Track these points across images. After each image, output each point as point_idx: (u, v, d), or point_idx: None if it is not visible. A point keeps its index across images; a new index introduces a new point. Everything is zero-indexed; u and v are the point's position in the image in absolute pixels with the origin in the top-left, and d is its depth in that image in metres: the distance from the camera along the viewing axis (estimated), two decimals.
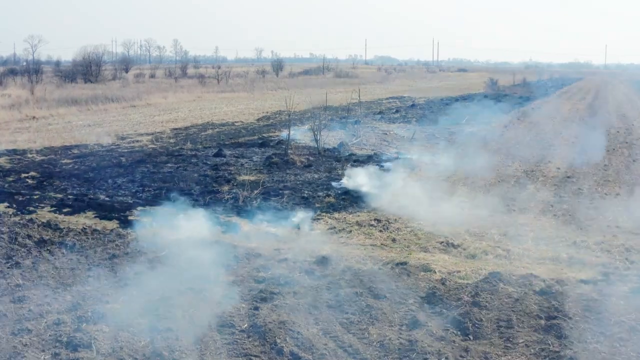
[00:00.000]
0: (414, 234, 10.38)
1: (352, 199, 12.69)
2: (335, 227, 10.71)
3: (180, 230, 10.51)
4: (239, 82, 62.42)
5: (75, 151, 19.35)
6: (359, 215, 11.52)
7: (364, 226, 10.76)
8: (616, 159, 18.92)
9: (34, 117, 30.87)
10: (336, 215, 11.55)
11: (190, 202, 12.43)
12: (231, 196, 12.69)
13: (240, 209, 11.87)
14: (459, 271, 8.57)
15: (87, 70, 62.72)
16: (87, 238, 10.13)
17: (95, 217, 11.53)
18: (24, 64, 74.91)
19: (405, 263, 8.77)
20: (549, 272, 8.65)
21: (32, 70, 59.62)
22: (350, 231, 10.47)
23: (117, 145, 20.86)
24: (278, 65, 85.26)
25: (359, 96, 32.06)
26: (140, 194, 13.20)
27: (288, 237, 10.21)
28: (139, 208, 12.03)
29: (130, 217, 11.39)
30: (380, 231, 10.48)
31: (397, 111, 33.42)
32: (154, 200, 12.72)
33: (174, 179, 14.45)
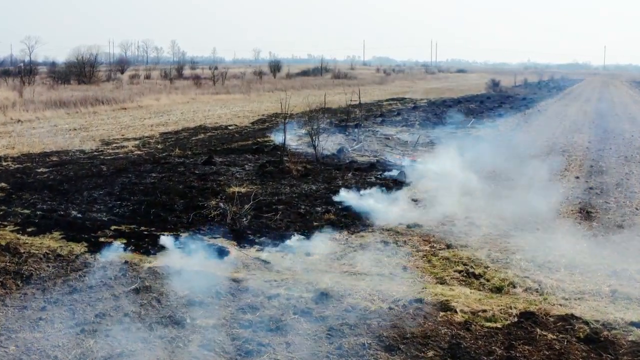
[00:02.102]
0: (427, 259, 8.98)
1: (354, 216, 11.29)
2: (336, 252, 9.30)
3: (156, 255, 9.11)
4: (236, 83, 60.96)
5: (54, 158, 17.92)
6: (362, 236, 10.11)
7: (370, 250, 9.35)
8: (636, 166, 17.56)
9: (19, 121, 29.42)
10: (337, 235, 10.13)
11: (172, 220, 11.03)
12: (218, 212, 11.28)
13: (227, 229, 10.45)
14: (484, 310, 7.17)
15: (80, 71, 61.29)
16: (48, 266, 8.71)
17: (62, 238, 10.09)
18: (21, 64, 73.44)
19: (420, 300, 7.37)
20: (591, 312, 7.25)
21: (23, 71, 58.19)
22: (354, 257, 9.05)
23: (101, 151, 19.43)
24: (275, 66, 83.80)
25: (359, 98, 30.67)
26: (117, 210, 11.77)
27: (281, 264, 8.80)
28: (113, 227, 10.59)
29: (101, 239, 9.96)
30: (388, 257, 9.07)
31: (398, 114, 32.06)
32: (132, 217, 11.29)
33: (157, 191, 13.03)
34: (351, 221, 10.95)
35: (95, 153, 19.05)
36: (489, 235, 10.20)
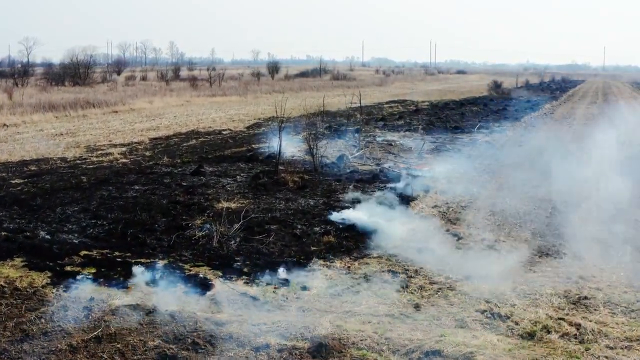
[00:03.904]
0: (443, 295, 7.71)
1: (357, 238, 10.03)
2: (337, 285, 8.03)
3: (128, 289, 7.85)
4: (233, 84, 59.70)
5: (33, 168, 16.64)
6: (367, 264, 8.85)
7: (376, 282, 8.09)
8: None
9: (4, 125, 28.12)
10: (338, 263, 8.87)
11: (151, 243, 9.76)
12: (204, 233, 10.03)
13: (212, 254, 9.19)
14: None
15: (75, 72, 59.98)
16: (1, 304, 7.45)
17: (25, 265, 8.82)
18: (18, 65, 72.09)
19: (438, 352, 6.11)
20: None
21: (17, 73, 56.87)
22: (358, 291, 7.80)
23: (84, 159, 18.16)
24: (274, 67, 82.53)
25: (360, 101, 29.42)
26: (91, 230, 10.51)
27: (273, 301, 7.53)
28: (83, 252, 9.32)
29: (67, 267, 8.70)
30: (398, 291, 7.81)
31: (400, 117, 30.82)
32: (106, 239, 10.02)
33: (137, 207, 11.75)
34: (353, 244, 9.69)
35: (77, 161, 17.78)
36: (511, 263, 8.94)
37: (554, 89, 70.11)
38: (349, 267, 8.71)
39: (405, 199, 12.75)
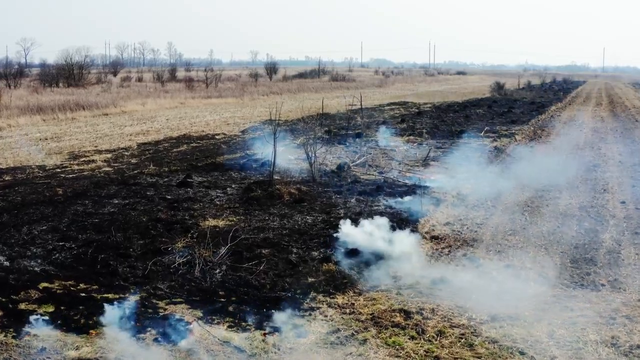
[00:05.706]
0: (467, 343, 6.41)
1: (360, 264, 8.73)
2: (338, 330, 6.72)
3: (89, 335, 6.54)
4: (230, 86, 58.35)
5: (7, 177, 15.32)
6: (374, 300, 7.54)
7: (386, 326, 6.78)
8: None
9: None
10: (339, 298, 7.57)
11: (123, 272, 8.44)
12: (185, 259, 8.73)
13: (193, 287, 7.89)
14: None
15: (69, 73, 58.62)
16: None
17: None
18: (16, 67, 70.73)
19: None
20: None
21: (9, 74, 55.50)
22: (365, 339, 6.48)
23: (64, 167, 16.83)
24: (272, 68, 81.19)
25: (361, 104, 28.14)
26: (57, 254, 9.19)
27: (261, 353, 6.22)
28: (43, 285, 8.01)
29: (22, 305, 7.39)
30: (413, 338, 6.51)
31: (402, 120, 29.51)
32: (73, 266, 8.72)
33: (112, 226, 10.42)
34: (357, 273, 8.40)
35: (57, 170, 16.46)
36: (543, 297, 7.66)
37: (557, 90, 68.96)
38: (353, 304, 7.40)
39: (414, 215, 11.46)
